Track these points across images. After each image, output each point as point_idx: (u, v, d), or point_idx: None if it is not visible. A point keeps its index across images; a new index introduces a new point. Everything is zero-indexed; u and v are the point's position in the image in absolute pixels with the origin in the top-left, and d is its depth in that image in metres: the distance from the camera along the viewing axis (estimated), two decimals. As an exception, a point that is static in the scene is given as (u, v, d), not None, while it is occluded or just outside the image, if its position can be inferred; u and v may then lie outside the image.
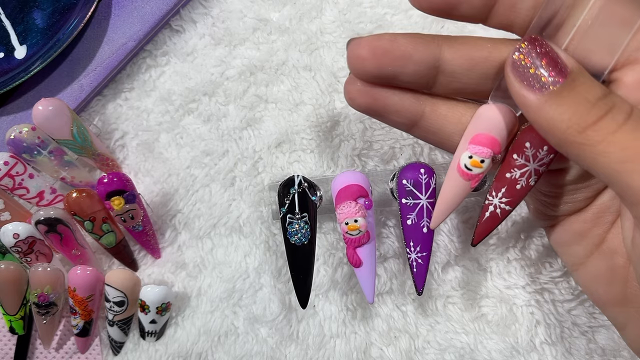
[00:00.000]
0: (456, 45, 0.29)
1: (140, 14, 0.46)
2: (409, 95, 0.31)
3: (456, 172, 0.31)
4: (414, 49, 0.29)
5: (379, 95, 0.31)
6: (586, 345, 0.43)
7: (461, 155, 0.30)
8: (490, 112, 0.29)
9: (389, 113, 0.31)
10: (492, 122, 0.29)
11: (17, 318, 0.44)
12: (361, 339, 0.45)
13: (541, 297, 0.44)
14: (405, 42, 0.29)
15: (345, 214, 0.36)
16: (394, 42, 0.29)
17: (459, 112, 0.31)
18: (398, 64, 0.29)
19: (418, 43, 0.29)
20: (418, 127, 0.32)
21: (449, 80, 0.30)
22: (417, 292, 0.38)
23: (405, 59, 0.29)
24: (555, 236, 0.34)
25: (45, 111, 0.42)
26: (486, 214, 0.32)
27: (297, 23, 0.46)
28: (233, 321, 0.46)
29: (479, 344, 0.44)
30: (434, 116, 0.31)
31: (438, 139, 0.32)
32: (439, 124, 0.31)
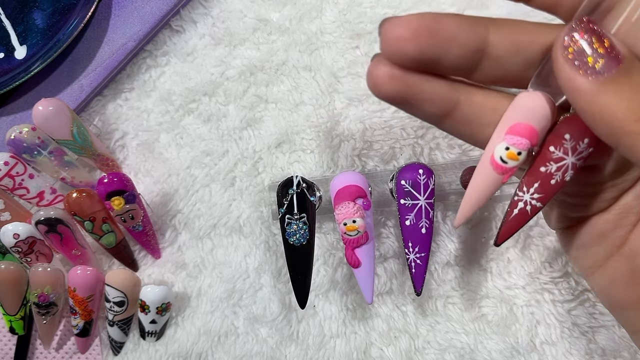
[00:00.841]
0: (503, 27, 0.27)
1: (141, 14, 0.46)
2: (443, 82, 0.28)
3: (489, 165, 0.28)
4: (460, 30, 0.26)
5: (412, 81, 0.27)
6: (586, 346, 0.43)
7: (496, 146, 0.28)
8: (530, 101, 0.27)
9: (421, 102, 0.28)
10: (532, 111, 0.27)
11: (17, 318, 0.44)
12: (361, 339, 0.45)
13: (541, 297, 0.44)
14: (451, 21, 0.26)
15: (344, 214, 0.36)
16: (438, 22, 0.26)
17: (495, 101, 0.29)
18: (442, 46, 0.26)
19: (464, 23, 0.26)
20: (450, 117, 0.29)
21: (493, 66, 0.27)
22: (416, 293, 0.38)
23: (450, 41, 0.26)
24: (572, 238, 0.33)
25: (46, 111, 0.42)
26: (515, 210, 0.30)
27: (297, 23, 0.46)
28: (233, 321, 0.46)
29: (479, 344, 0.44)
30: (468, 105, 0.28)
31: (470, 131, 0.29)
32: (473, 113, 0.29)
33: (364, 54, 0.45)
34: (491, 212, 0.44)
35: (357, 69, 0.45)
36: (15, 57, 0.46)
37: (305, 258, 0.39)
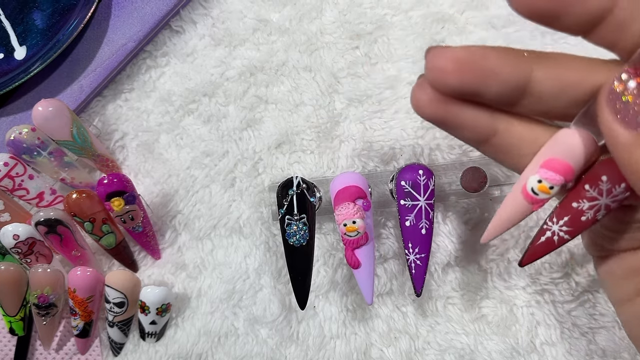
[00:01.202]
0: (549, 64, 0.26)
1: (140, 14, 0.46)
2: (484, 111, 0.28)
3: (520, 193, 0.28)
4: (503, 67, 0.26)
5: (452, 108, 0.28)
6: (586, 346, 0.43)
7: (529, 177, 0.28)
8: (571, 138, 0.27)
9: (459, 127, 0.29)
10: (571, 149, 0.27)
11: (17, 319, 0.44)
12: (361, 339, 0.45)
13: (541, 298, 0.44)
14: (495, 57, 0.26)
15: (344, 215, 0.36)
16: (482, 57, 0.26)
17: (536, 133, 0.28)
18: (483, 82, 0.26)
19: (509, 60, 0.26)
20: (488, 144, 0.29)
21: (534, 103, 0.27)
22: (416, 294, 0.38)
23: (491, 77, 0.26)
24: (605, 268, 0.32)
25: (45, 112, 0.42)
26: (542, 238, 0.30)
27: (297, 24, 0.46)
28: (233, 322, 0.46)
29: (479, 345, 0.44)
30: (507, 135, 0.29)
31: (508, 159, 0.30)
32: (511, 143, 0.29)
33: (364, 55, 0.45)
34: (491, 212, 0.44)
35: (357, 69, 0.45)
36: (15, 57, 0.46)
37: (305, 259, 0.39)
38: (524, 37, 0.44)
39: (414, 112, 0.45)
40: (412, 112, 0.45)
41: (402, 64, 0.45)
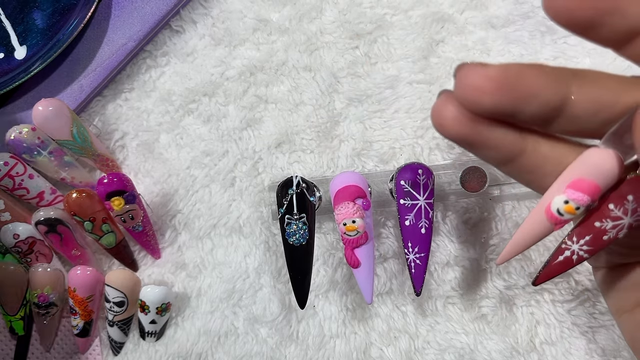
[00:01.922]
0: (586, 85, 0.25)
1: (140, 14, 0.46)
2: (512, 131, 0.27)
3: (544, 213, 0.27)
4: (543, 87, 0.25)
5: (480, 128, 0.26)
6: (586, 346, 0.43)
7: (554, 197, 0.27)
8: (599, 158, 0.26)
9: (486, 148, 0.27)
10: (599, 169, 0.26)
11: (17, 318, 0.44)
12: (361, 339, 0.45)
13: (541, 297, 0.44)
14: (534, 77, 0.25)
15: (343, 214, 0.36)
16: (521, 77, 0.25)
17: (561, 153, 0.27)
18: (521, 103, 0.25)
19: (548, 80, 0.25)
20: (513, 164, 0.28)
21: (568, 123, 0.26)
22: (416, 293, 0.38)
23: (530, 98, 0.25)
24: (607, 279, 0.32)
25: (45, 111, 0.42)
26: (560, 257, 0.29)
27: (297, 23, 0.46)
28: (233, 321, 0.46)
29: (478, 344, 0.44)
30: (534, 155, 0.27)
31: (531, 179, 0.29)
32: (537, 163, 0.28)
33: (364, 54, 0.45)
34: (491, 212, 0.44)
35: (357, 69, 0.45)
36: (15, 57, 0.46)
37: (305, 258, 0.39)
38: (523, 36, 0.44)
39: (413, 111, 0.46)
40: (412, 112, 0.45)
41: (401, 64, 0.45)
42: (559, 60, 0.44)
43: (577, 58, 0.44)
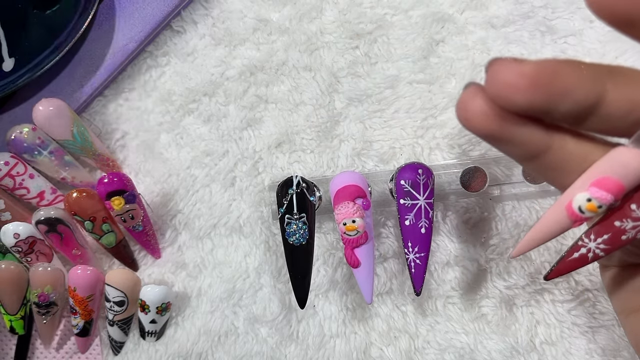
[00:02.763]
0: (621, 83, 0.24)
1: (142, 15, 0.46)
2: (540, 127, 0.26)
3: (564, 210, 0.27)
4: (579, 85, 0.24)
5: (507, 124, 0.25)
6: (586, 345, 0.43)
7: (577, 195, 0.26)
8: (628, 158, 0.25)
9: (512, 144, 0.26)
10: (627, 169, 0.26)
11: (18, 318, 0.44)
12: (361, 339, 0.45)
13: (541, 297, 0.44)
14: (570, 74, 0.24)
15: (343, 214, 0.36)
16: (556, 74, 0.24)
17: (587, 150, 0.27)
18: (555, 101, 0.24)
19: (584, 78, 0.24)
20: (538, 160, 0.27)
21: (600, 122, 0.25)
22: (416, 293, 0.38)
23: (565, 96, 0.24)
24: (615, 278, 0.32)
25: (46, 111, 0.42)
26: (575, 254, 0.29)
27: (297, 23, 0.46)
28: (233, 321, 0.46)
29: (478, 344, 0.44)
30: (560, 152, 0.27)
31: (554, 176, 0.28)
32: (562, 160, 0.27)
33: (364, 54, 0.46)
34: (491, 212, 0.44)
35: (357, 69, 0.45)
36: (3, 69, 0.45)
37: (305, 258, 0.39)
38: (523, 36, 0.44)
39: (413, 111, 0.46)
40: (412, 112, 0.45)
41: (401, 64, 0.45)
42: (559, 60, 0.44)
43: (577, 58, 0.43)
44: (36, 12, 0.45)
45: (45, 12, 0.45)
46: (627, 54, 0.43)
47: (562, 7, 0.44)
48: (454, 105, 0.44)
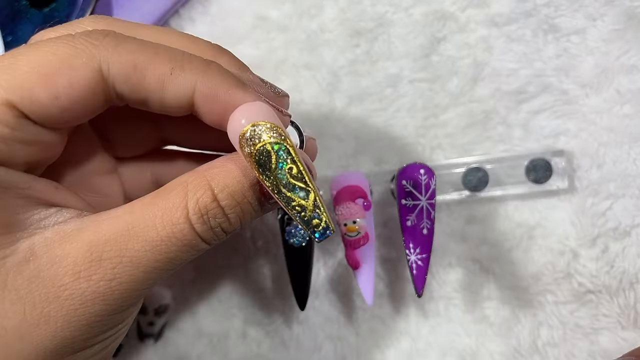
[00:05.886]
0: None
1: (140, 13, 0.46)
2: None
3: None
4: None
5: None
6: (589, 347, 0.43)
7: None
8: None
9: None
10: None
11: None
12: (362, 341, 0.45)
13: (544, 298, 0.43)
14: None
15: (344, 215, 0.36)
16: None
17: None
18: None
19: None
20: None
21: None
22: (417, 294, 0.38)
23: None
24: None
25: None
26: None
27: (296, 21, 0.46)
28: (232, 324, 0.45)
29: (481, 346, 0.44)
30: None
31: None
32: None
33: (365, 52, 0.45)
34: (493, 212, 0.44)
35: (358, 67, 0.45)
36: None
37: (305, 259, 0.39)
38: (525, 35, 0.44)
39: (415, 110, 0.46)
40: (413, 111, 0.44)
41: (403, 62, 0.45)
42: (562, 58, 0.43)
43: (580, 57, 0.43)
44: (33, 10, 0.45)
45: (42, 10, 0.45)
46: (630, 53, 0.43)
47: (565, 5, 0.44)
48: (455, 104, 0.44)
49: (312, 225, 0.25)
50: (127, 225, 0.24)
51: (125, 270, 0.24)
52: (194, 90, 0.25)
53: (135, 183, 0.32)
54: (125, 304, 0.25)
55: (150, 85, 0.24)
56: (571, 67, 0.43)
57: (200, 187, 0.24)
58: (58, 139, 0.26)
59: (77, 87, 0.23)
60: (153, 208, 0.24)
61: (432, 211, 0.37)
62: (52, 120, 0.24)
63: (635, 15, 0.42)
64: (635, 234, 0.42)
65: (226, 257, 0.46)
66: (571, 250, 0.43)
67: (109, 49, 0.24)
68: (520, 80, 0.43)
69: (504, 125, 0.44)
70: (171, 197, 0.24)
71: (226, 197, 0.25)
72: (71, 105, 0.24)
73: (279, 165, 0.24)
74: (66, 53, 0.23)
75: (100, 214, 0.25)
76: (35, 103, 0.23)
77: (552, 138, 0.43)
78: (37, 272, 0.23)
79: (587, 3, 0.43)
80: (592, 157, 0.43)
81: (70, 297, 0.23)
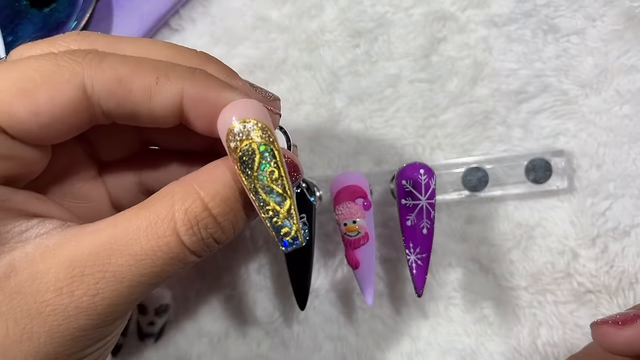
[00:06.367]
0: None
1: (140, 13, 0.46)
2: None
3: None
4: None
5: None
6: (589, 348, 0.43)
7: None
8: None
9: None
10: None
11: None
12: (362, 341, 0.44)
13: (543, 298, 0.43)
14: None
15: (344, 215, 0.36)
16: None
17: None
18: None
19: None
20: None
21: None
22: (417, 294, 0.38)
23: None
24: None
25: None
26: None
27: (297, 21, 0.46)
28: (232, 323, 0.45)
29: (480, 346, 0.44)
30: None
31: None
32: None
33: (365, 53, 0.45)
34: (493, 212, 0.43)
35: (358, 67, 0.45)
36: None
37: (305, 259, 0.39)
38: (525, 35, 0.44)
39: (414, 110, 0.46)
40: (413, 111, 0.44)
41: (402, 62, 0.45)
42: (561, 58, 0.43)
43: (580, 57, 0.43)
44: (33, 10, 0.45)
45: (42, 10, 0.45)
46: (630, 53, 0.43)
47: (565, 6, 0.44)
48: (455, 104, 0.44)
49: (281, 232, 0.25)
50: (109, 238, 0.23)
51: (109, 285, 0.23)
52: (182, 97, 0.24)
53: (120, 186, 0.31)
54: (110, 318, 0.24)
55: (137, 97, 0.24)
56: (571, 68, 0.43)
57: (189, 196, 0.24)
58: (39, 155, 0.25)
59: (58, 104, 0.23)
60: (137, 220, 0.24)
61: (432, 211, 0.37)
62: (32, 137, 0.23)
63: (635, 15, 0.43)
64: (634, 234, 0.42)
65: (226, 257, 0.45)
66: (571, 250, 0.43)
67: (92, 65, 0.23)
68: (520, 81, 0.43)
69: (504, 125, 0.44)
70: (156, 208, 0.24)
71: (218, 205, 0.24)
72: (52, 123, 0.23)
73: (261, 166, 0.24)
74: (49, 70, 0.23)
75: (83, 227, 0.24)
76: (14, 118, 0.22)
77: (552, 138, 0.43)
78: (19, 288, 0.23)
79: (586, 3, 0.43)
80: (591, 157, 0.43)
81: (53, 312, 0.23)
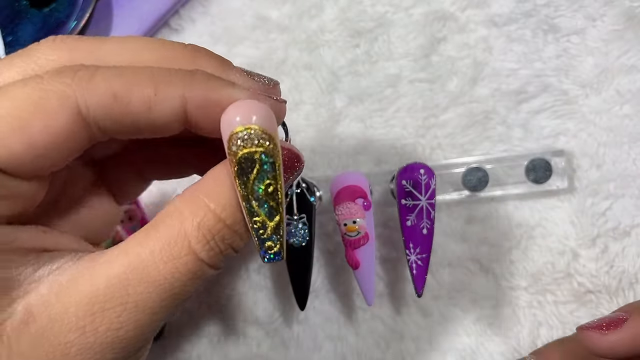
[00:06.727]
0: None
1: (139, 13, 0.46)
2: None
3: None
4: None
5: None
6: (589, 348, 0.43)
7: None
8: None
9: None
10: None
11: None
12: (362, 341, 0.44)
13: (543, 298, 0.43)
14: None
15: (344, 215, 0.36)
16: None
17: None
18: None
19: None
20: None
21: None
22: (417, 294, 0.38)
23: None
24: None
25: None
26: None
27: (297, 21, 0.46)
28: (232, 323, 0.45)
29: (480, 346, 0.44)
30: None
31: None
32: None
33: (365, 53, 0.45)
34: (493, 212, 0.43)
35: (358, 67, 0.45)
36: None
37: (305, 259, 0.39)
38: (525, 35, 0.44)
39: (415, 110, 0.46)
40: (413, 111, 0.44)
41: (402, 62, 0.45)
42: (562, 58, 0.43)
43: (580, 57, 0.43)
44: (33, 10, 0.45)
45: (42, 10, 0.45)
46: (630, 53, 0.43)
47: (565, 6, 0.44)
48: (455, 104, 0.44)
49: (264, 245, 0.24)
50: (124, 268, 0.23)
51: (131, 316, 0.23)
52: (185, 101, 0.23)
53: (120, 181, 0.31)
54: (136, 347, 0.24)
55: (136, 110, 0.23)
56: (571, 67, 0.43)
57: (199, 210, 0.23)
58: (39, 186, 0.24)
59: (53, 132, 0.22)
60: (149, 243, 0.23)
61: (432, 211, 0.37)
62: (28, 170, 0.22)
63: (635, 15, 0.43)
64: (635, 234, 0.42)
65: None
66: (571, 250, 0.43)
67: (83, 84, 0.22)
68: (520, 80, 0.43)
69: (504, 125, 0.44)
70: (166, 228, 0.23)
71: (232, 214, 0.23)
72: (47, 152, 0.22)
73: (259, 177, 0.23)
74: (37, 97, 0.21)
75: (95, 257, 0.23)
76: (14, 154, 0.21)
77: (552, 138, 0.43)
78: (40, 333, 0.22)
79: (586, 3, 0.43)
80: (591, 157, 0.43)
81: (80, 352, 0.22)
